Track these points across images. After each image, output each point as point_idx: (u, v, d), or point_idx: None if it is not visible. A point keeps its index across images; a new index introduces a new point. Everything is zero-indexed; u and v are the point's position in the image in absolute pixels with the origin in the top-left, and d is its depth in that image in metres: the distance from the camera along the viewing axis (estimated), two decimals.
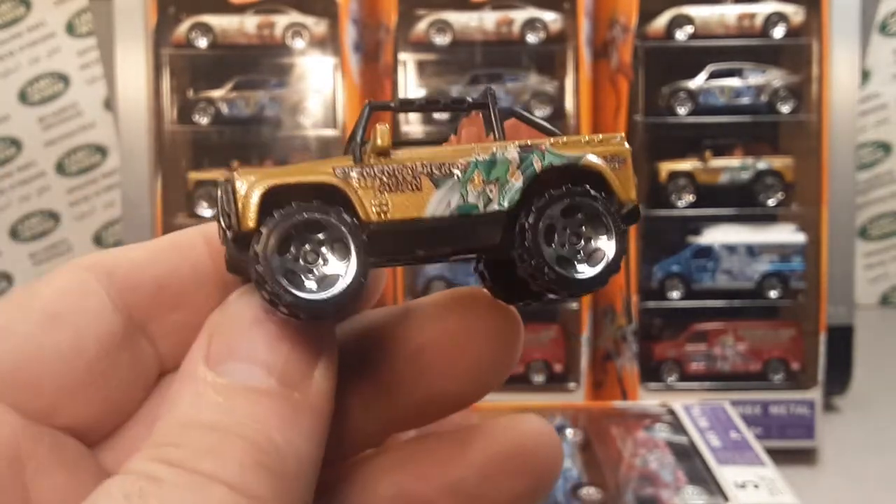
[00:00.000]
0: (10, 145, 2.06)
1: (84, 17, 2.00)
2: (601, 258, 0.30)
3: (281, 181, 0.28)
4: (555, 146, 0.31)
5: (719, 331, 1.42)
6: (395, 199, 0.29)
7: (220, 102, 1.49)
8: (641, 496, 1.00)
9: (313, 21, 1.47)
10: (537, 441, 0.33)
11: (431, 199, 0.29)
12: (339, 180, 0.28)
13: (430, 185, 0.29)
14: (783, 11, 1.43)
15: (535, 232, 0.29)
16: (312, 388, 0.28)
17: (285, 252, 0.28)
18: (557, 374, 1.43)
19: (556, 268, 0.30)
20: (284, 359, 0.28)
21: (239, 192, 0.28)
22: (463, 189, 0.29)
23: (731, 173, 1.44)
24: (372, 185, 0.29)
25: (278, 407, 0.27)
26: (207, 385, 0.28)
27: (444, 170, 0.29)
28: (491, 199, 0.30)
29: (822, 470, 1.35)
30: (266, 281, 0.27)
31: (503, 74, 1.47)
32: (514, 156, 0.30)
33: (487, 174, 0.29)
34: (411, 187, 0.29)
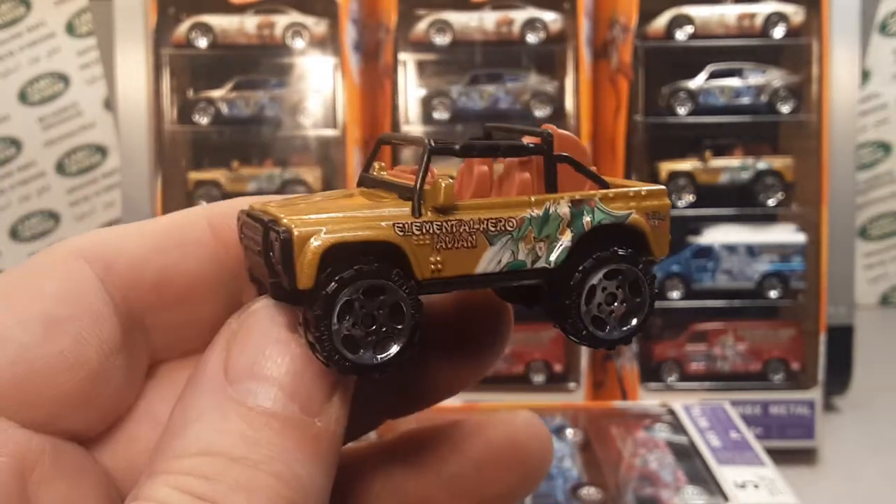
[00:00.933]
0: (10, 145, 2.06)
1: (84, 18, 2.00)
2: (630, 322, 0.31)
3: (342, 238, 0.27)
4: (604, 201, 0.31)
5: (719, 331, 1.42)
6: (450, 256, 0.29)
7: (220, 102, 1.49)
8: (641, 496, 1.00)
9: (313, 21, 1.47)
10: (529, 435, 0.33)
11: (484, 256, 0.29)
12: (400, 238, 0.28)
13: (485, 243, 0.29)
14: (783, 11, 1.43)
15: (580, 293, 0.30)
16: (332, 415, 0.28)
17: (345, 317, 0.27)
18: (557, 374, 1.43)
19: (590, 327, 0.31)
20: (308, 385, 0.28)
21: (296, 249, 0.27)
22: (515, 247, 0.30)
23: (731, 173, 1.44)
24: (429, 243, 0.28)
25: (302, 438, 0.27)
26: (231, 406, 0.27)
27: (499, 226, 0.29)
28: (539, 257, 0.30)
29: (821, 470, 1.35)
30: (324, 347, 0.27)
31: (503, 74, 1.47)
32: (565, 211, 0.30)
33: (539, 231, 0.30)
34: (467, 245, 0.29)
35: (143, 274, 0.30)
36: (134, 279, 0.30)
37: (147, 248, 0.31)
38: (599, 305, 0.31)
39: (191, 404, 0.27)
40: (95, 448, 0.31)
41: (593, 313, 0.31)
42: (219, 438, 0.26)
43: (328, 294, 0.27)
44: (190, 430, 0.27)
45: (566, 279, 0.31)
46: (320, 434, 0.28)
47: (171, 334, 0.32)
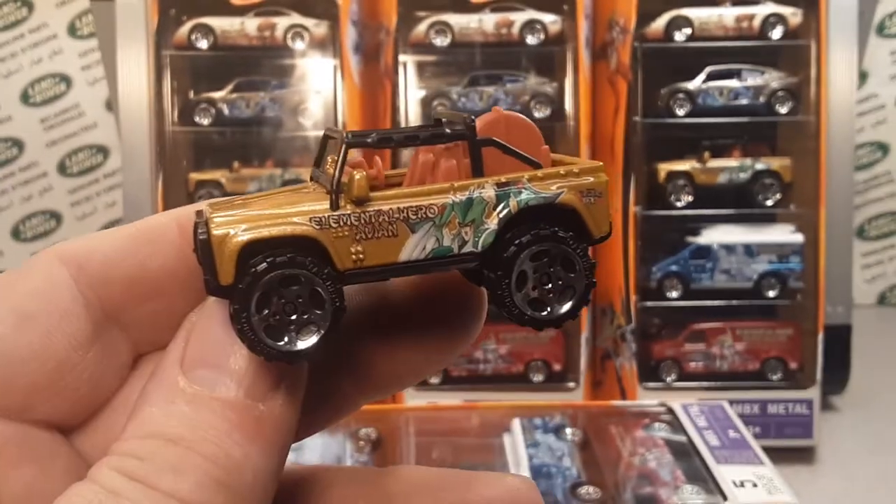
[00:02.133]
0: (12, 146, 2.06)
1: (86, 19, 2.01)
2: (571, 295, 0.31)
3: (257, 235, 0.28)
4: (533, 182, 0.30)
5: (718, 330, 1.43)
6: (370, 246, 0.29)
7: (221, 103, 1.49)
8: (640, 495, 1.01)
9: (314, 23, 1.48)
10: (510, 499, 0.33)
11: (407, 244, 0.29)
12: (317, 232, 0.29)
13: (406, 231, 0.29)
14: (781, 13, 1.43)
15: (509, 281, 0.30)
16: (278, 401, 0.29)
17: (264, 309, 0.28)
18: (557, 373, 1.44)
19: (529, 311, 0.31)
20: (255, 371, 0.29)
21: (215, 247, 0.28)
22: (438, 233, 0.29)
23: (729, 174, 1.44)
24: (348, 234, 0.29)
25: (241, 420, 0.28)
26: (178, 391, 0.28)
27: (420, 214, 0.29)
28: (466, 241, 0.30)
29: (819, 468, 1.35)
30: (245, 336, 0.28)
31: (503, 76, 1.48)
32: (490, 195, 0.30)
33: (463, 216, 0.30)
34: (387, 234, 0.29)
35: (113, 272, 0.32)
36: (105, 277, 0.32)
37: (117, 248, 0.32)
38: (535, 288, 0.31)
39: (147, 392, 0.29)
40: (76, 436, 0.32)
41: (530, 297, 0.31)
42: (162, 421, 0.28)
43: (243, 288, 0.28)
44: (140, 415, 0.28)
45: (495, 268, 0.31)
46: (263, 417, 0.29)
47: (147, 329, 0.33)
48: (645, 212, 1.42)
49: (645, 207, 1.42)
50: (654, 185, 1.44)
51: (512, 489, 0.34)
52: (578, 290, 0.31)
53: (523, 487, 0.34)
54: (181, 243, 0.33)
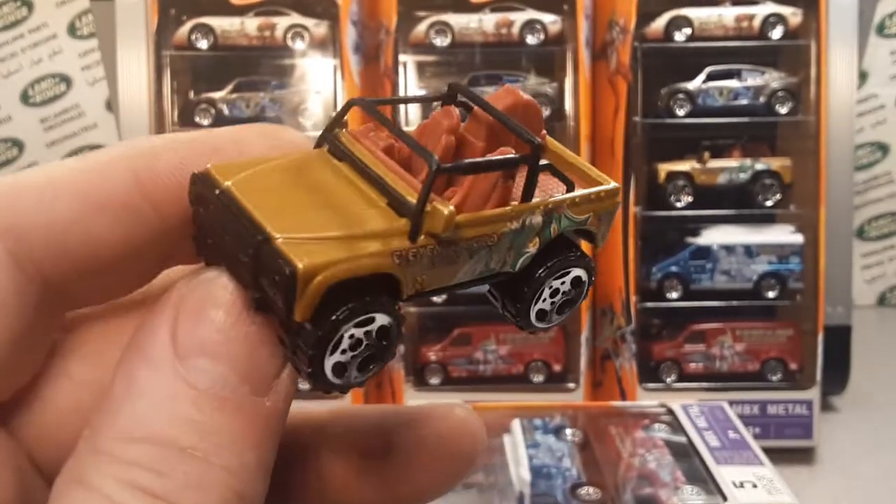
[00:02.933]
0: (12, 146, 2.06)
1: (86, 19, 2.01)
2: (566, 311, 0.33)
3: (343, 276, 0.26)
4: (571, 208, 0.31)
5: (717, 331, 1.43)
6: (433, 273, 0.29)
7: (222, 104, 1.49)
8: (640, 496, 1.01)
9: (314, 23, 1.48)
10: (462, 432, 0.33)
11: (463, 269, 0.29)
12: (397, 268, 0.27)
13: (466, 258, 0.29)
14: (781, 13, 1.43)
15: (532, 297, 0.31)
16: (281, 392, 0.27)
17: (336, 350, 0.27)
18: (556, 373, 1.44)
19: (535, 322, 0.32)
20: (261, 366, 0.27)
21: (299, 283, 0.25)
22: (489, 257, 0.30)
23: (729, 174, 1.44)
24: (420, 267, 0.28)
25: (252, 421, 0.26)
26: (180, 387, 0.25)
27: (481, 242, 0.29)
28: (506, 263, 0.30)
29: (819, 469, 1.35)
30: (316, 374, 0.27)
31: (503, 76, 1.48)
32: (538, 221, 0.30)
33: (512, 243, 0.30)
34: (450, 262, 0.29)
35: (61, 247, 0.27)
36: (51, 253, 0.27)
37: (65, 217, 0.27)
38: (544, 300, 0.32)
39: (136, 376, 0.26)
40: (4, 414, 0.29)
41: (538, 308, 0.32)
42: (166, 424, 0.25)
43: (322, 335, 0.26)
44: (135, 409, 0.25)
45: (522, 283, 0.31)
46: (269, 414, 0.27)
47: (92, 298, 0.30)
48: (645, 212, 1.42)
49: (645, 208, 1.42)
50: (654, 186, 1.44)
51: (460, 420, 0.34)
52: (574, 305, 0.33)
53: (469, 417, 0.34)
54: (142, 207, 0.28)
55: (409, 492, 0.33)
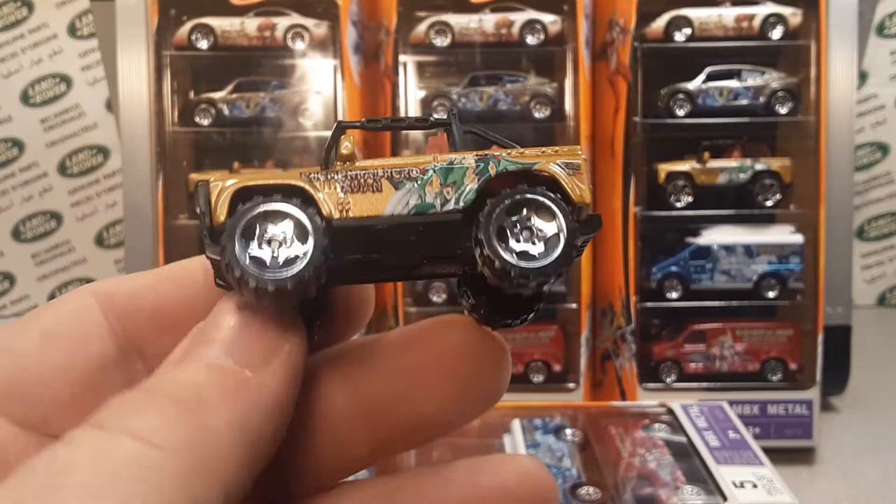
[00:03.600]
0: (12, 146, 2.06)
1: (86, 19, 2.01)
2: (558, 242, 0.31)
3: (251, 182, 0.30)
4: (511, 156, 0.32)
5: (717, 331, 1.43)
6: (356, 198, 0.30)
7: (222, 104, 1.49)
8: (640, 495, 1.01)
9: (314, 23, 1.48)
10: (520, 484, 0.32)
11: (391, 199, 0.30)
12: (305, 182, 0.30)
13: (390, 188, 0.30)
14: (781, 13, 1.43)
15: (489, 237, 0.30)
16: (268, 373, 0.29)
17: (250, 238, 0.30)
18: (557, 373, 1.44)
19: (520, 263, 0.30)
20: (247, 344, 0.30)
21: (213, 192, 0.30)
22: (421, 191, 0.31)
23: (729, 174, 1.45)
24: (335, 188, 0.30)
25: (223, 379, 0.28)
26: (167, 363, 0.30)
27: (403, 174, 0.31)
28: (448, 200, 0.31)
29: (819, 469, 1.35)
30: (233, 266, 0.29)
31: (503, 76, 1.48)
32: (471, 163, 0.31)
33: (445, 178, 0.31)
34: (372, 189, 0.31)
35: (139, 304, 0.34)
36: (131, 308, 0.34)
37: (144, 283, 0.35)
38: (518, 242, 0.31)
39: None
40: None
41: (516, 250, 0.31)
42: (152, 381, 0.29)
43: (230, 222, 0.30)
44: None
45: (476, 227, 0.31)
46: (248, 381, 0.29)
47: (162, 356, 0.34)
48: (645, 212, 1.42)
49: (645, 208, 1.42)
50: (654, 186, 1.44)
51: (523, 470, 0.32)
52: (562, 237, 0.31)
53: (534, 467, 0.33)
54: (204, 283, 0.35)
55: None
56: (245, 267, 0.29)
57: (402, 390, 0.33)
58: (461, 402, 0.33)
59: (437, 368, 0.33)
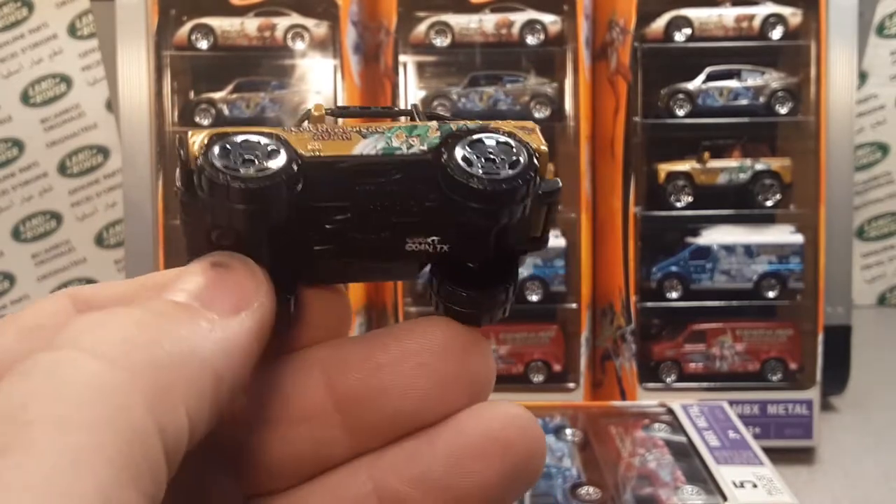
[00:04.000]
0: (12, 146, 2.06)
1: (86, 19, 2.01)
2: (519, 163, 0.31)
3: (228, 130, 0.30)
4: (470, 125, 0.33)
5: (717, 331, 1.43)
6: (325, 144, 0.31)
7: (222, 104, 1.49)
8: (640, 495, 1.01)
9: (314, 23, 1.48)
10: (510, 426, 0.31)
11: (359, 144, 0.31)
12: (282, 132, 0.31)
13: (359, 137, 0.31)
14: (781, 13, 1.43)
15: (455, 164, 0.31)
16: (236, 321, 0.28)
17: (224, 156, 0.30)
18: (556, 373, 1.44)
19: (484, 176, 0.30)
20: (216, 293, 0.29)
21: (190, 138, 0.30)
22: (388, 139, 0.31)
23: (729, 174, 1.45)
24: (307, 137, 0.31)
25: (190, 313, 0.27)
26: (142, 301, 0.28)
27: (371, 129, 0.32)
28: (413, 146, 0.32)
29: (819, 469, 1.35)
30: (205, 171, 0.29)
31: (503, 76, 1.48)
32: (433, 124, 0.32)
33: (409, 132, 0.32)
34: (341, 138, 0.31)
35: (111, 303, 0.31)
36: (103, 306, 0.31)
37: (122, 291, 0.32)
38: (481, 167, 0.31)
39: None
40: None
41: (478, 174, 0.31)
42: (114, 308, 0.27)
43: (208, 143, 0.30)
44: None
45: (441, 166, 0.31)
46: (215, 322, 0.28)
47: None
48: (645, 212, 1.42)
49: (645, 208, 1.42)
50: (654, 186, 1.44)
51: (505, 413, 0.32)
52: (524, 160, 0.31)
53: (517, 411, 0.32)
54: None
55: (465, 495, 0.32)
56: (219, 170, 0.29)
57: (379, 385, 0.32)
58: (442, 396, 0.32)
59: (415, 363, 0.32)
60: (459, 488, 0.31)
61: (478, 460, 0.31)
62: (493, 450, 0.31)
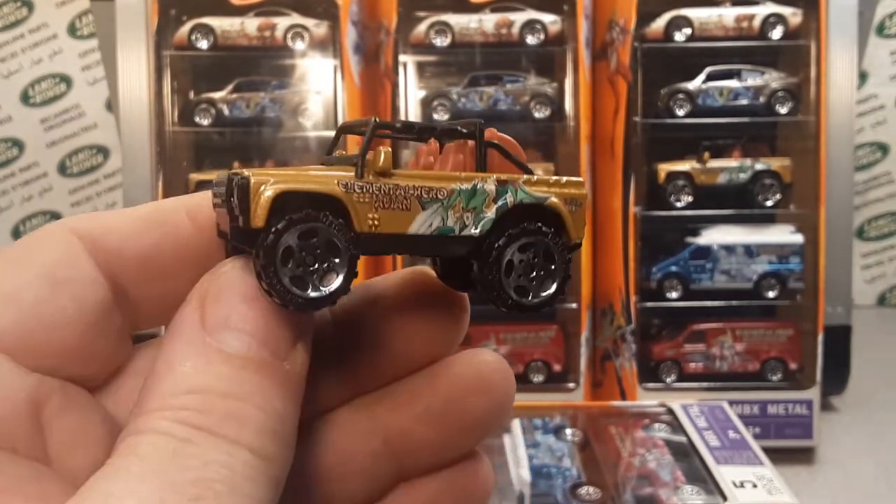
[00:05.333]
0: (12, 146, 2.06)
1: (86, 19, 2.01)
2: (550, 285, 0.35)
3: (292, 187, 0.31)
4: (526, 184, 0.35)
5: (717, 331, 1.43)
6: (386, 215, 0.33)
7: (221, 104, 1.49)
8: (640, 495, 1.01)
9: (314, 23, 1.48)
10: (492, 369, 0.37)
11: (417, 218, 0.33)
12: (343, 193, 0.32)
13: (418, 207, 0.33)
14: (781, 13, 1.43)
15: (499, 267, 0.34)
16: (298, 359, 0.32)
17: (288, 262, 0.31)
18: (557, 373, 1.44)
19: (514, 296, 0.35)
20: (276, 333, 0.32)
21: (252, 192, 0.31)
22: (444, 213, 0.33)
23: (729, 174, 1.45)
24: (369, 201, 0.32)
25: (274, 378, 0.31)
26: (212, 353, 0.31)
27: (431, 194, 0.33)
28: (466, 225, 0.34)
29: (819, 469, 1.35)
30: (274, 289, 0.31)
31: (503, 76, 1.48)
32: (491, 188, 0.34)
33: (467, 203, 0.34)
34: (402, 207, 0.33)
35: (128, 250, 0.34)
36: (119, 255, 0.34)
37: (132, 229, 0.35)
38: (520, 276, 0.35)
39: (173, 352, 0.31)
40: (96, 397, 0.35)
41: (515, 284, 0.35)
42: (204, 378, 0.30)
43: (268, 245, 0.31)
44: (176, 373, 0.30)
45: (487, 255, 0.34)
46: (289, 375, 0.32)
47: (153, 306, 0.36)
48: (645, 212, 1.42)
49: (645, 208, 1.42)
50: (654, 186, 1.44)
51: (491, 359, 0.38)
52: (557, 281, 0.35)
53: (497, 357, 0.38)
54: (191, 228, 0.35)
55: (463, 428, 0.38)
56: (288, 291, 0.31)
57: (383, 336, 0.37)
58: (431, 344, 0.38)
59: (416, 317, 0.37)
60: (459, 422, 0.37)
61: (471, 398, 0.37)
62: (485, 388, 0.37)
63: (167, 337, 0.32)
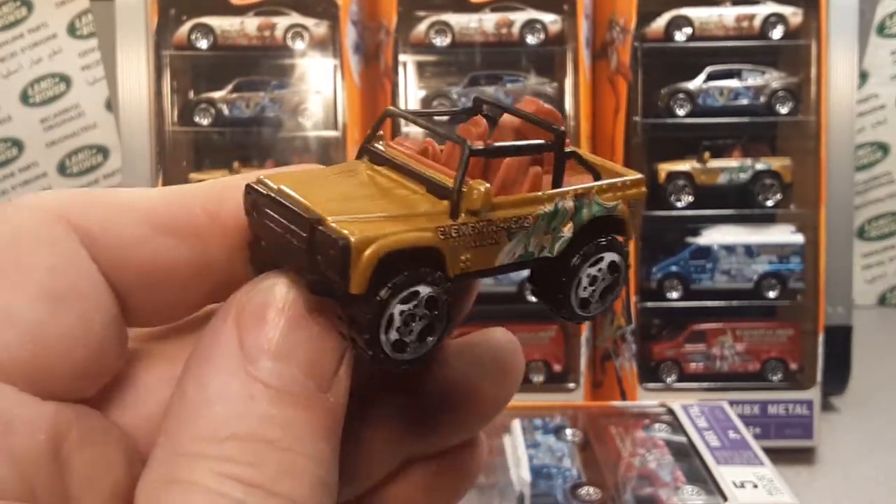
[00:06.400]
0: (11, 146, 2.06)
1: (85, 19, 2.01)
2: (608, 298, 0.34)
3: (394, 246, 0.28)
4: (599, 194, 0.33)
5: (718, 331, 1.43)
6: (476, 253, 0.30)
7: (221, 104, 1.49)
8: (640, 496, 1.01)
9: (314, 23, 1.48)
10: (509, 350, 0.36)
11: (503, 251, 0.31)
12: (441, 242, 0.29)
13: (505, 239, 0.31)
14: (782, 13, 1.43)
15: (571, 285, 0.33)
16: (340, 388, 0.29)
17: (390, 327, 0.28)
18: (557, 373, 1.44)
19: (578, 311, 0.34)
20: (322, 363, 0.28)
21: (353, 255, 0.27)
22: (527, 241, 0.32)
23: (729, 174, 1.45)
24: (462, 244, 0.30)
25: (321, 415, 0.28)
26: (255, 387, 0.27)
27: (518, 224, 0.31)
28: (544, 248, 0.32)
29: (820, 469, 1.35)
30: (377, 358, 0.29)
31: (503, 76, 1.48)
32: (570, 206, 0.32)
33: (548, 226, 0.32)
34: (491, 242, 0.31)
35: (129, 257, 0.29)
36: (121, 260, 0.29)
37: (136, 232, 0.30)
38: (585, 289, 0.33)
39: (209, 381, 0.27)
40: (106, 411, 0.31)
41: (581, 296, 0.33)
42: (249, 422, 0.27)
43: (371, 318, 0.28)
44: (215, 411, 0.27)
45: (560, 273, 0.33)
46: (334, 408, 0.28)
47: (153, 312, 0.32)
48: (645, 212, 1.42)
49: (645, 208, 1.42)
50: (654, 186, 1.44)
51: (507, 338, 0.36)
52: (615, 293, 0.34)
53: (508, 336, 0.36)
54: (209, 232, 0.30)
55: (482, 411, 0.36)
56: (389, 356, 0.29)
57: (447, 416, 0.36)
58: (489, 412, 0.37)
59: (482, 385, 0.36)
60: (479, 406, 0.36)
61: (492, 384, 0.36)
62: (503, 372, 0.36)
63: (195, 358, 0.28)
